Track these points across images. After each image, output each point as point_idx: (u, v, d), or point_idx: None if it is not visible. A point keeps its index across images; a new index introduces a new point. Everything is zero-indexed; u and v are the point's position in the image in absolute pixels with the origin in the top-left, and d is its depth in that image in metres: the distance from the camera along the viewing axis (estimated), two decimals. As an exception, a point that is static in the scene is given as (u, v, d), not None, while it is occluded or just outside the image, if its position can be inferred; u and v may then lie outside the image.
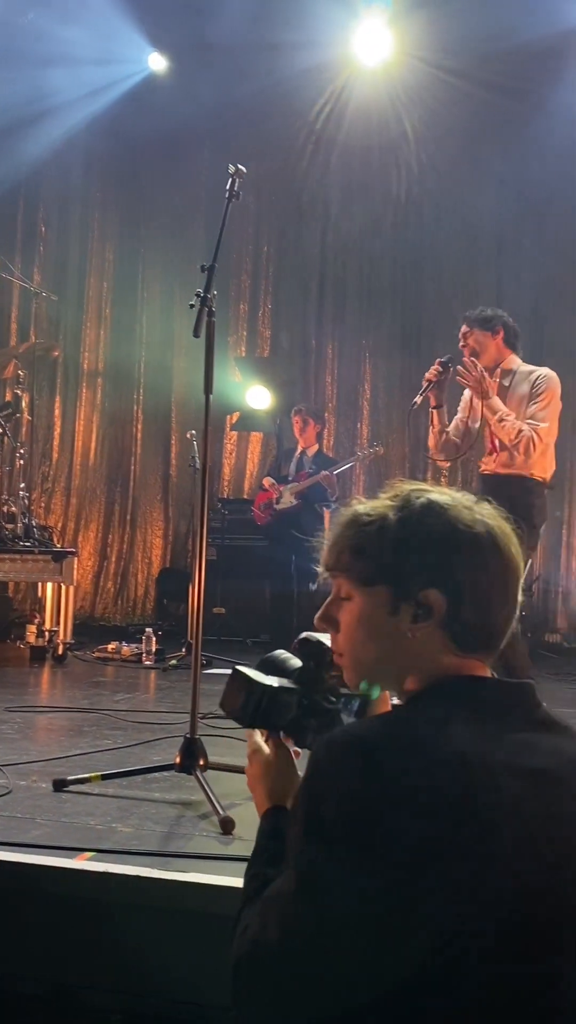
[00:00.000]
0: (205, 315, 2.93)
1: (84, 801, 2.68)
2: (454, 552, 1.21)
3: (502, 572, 1.22)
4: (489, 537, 1.21)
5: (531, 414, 4.09)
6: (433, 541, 1.21)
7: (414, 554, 1.21)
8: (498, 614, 1.22)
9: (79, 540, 8.61)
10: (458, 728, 1.09)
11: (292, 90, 7.81)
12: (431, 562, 1.20)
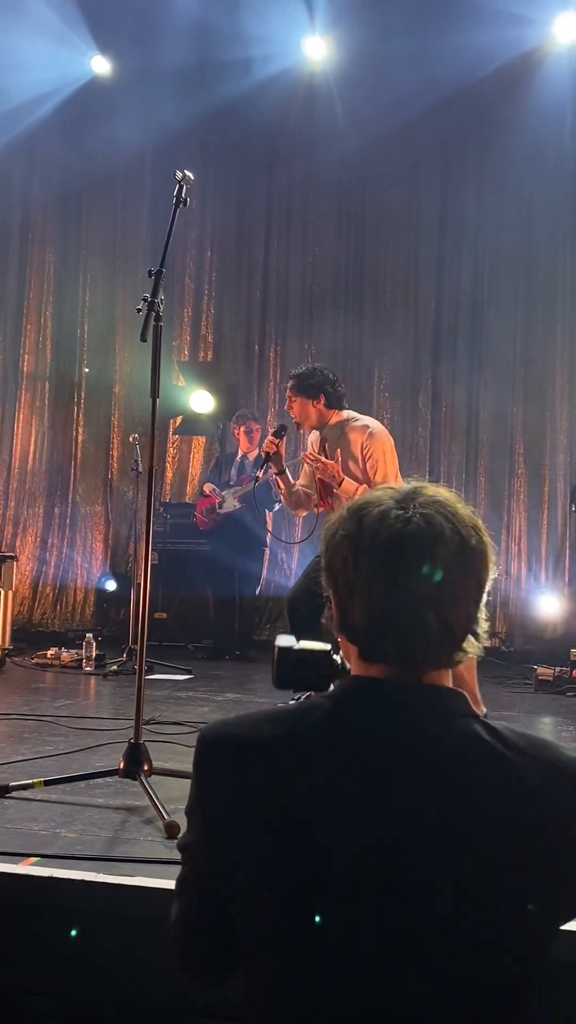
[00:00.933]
0: (152, 319, 2.93)
1: (27, 807, 2.67)
2: (329, 554, 1.23)
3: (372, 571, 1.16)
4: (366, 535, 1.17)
5: (372, 477, 4.34)
6: (327, 547, 1.23)
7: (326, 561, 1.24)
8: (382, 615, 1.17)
9: (17, 544, 8.50)
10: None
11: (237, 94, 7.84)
12: (326, 567, 1.23)
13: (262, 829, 1.15)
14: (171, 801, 2.75)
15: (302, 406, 4.49)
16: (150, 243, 8.43)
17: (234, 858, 1.17)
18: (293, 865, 1.13)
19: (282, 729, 1.18)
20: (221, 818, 1.19)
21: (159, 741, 3.59)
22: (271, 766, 1.16)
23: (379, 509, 1.19)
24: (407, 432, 8.19)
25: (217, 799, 1.20)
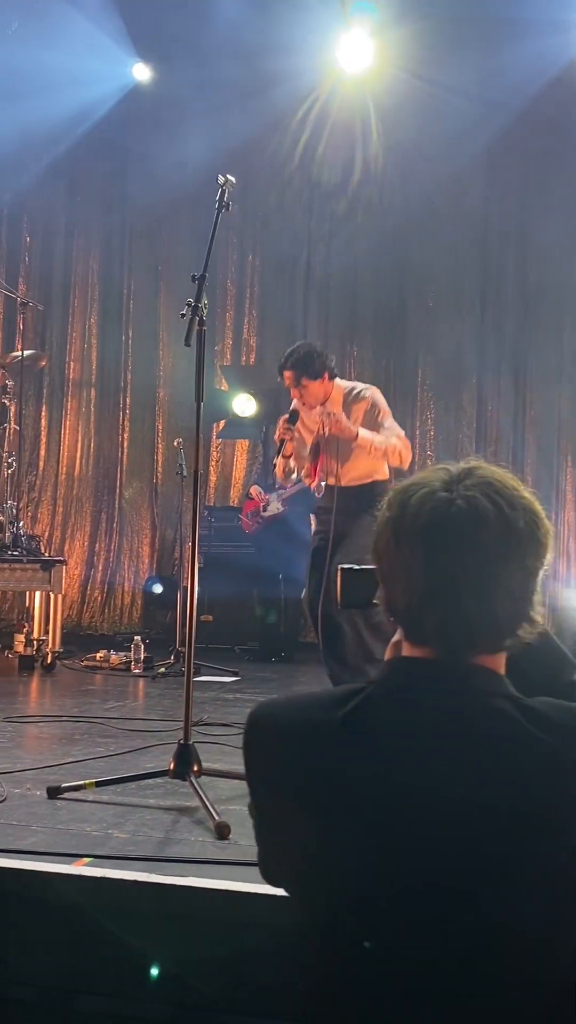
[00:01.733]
0: (196, 324, 2.96)
1: (79, 808, 2.70)
2: (376, 534, 1.24)
3: (412, 554, 1.17)
4: (407, 517, 1.18)
5: (388, 427, 4.52)
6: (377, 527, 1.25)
7: None
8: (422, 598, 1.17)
9: (66, 549, 8.60)
10: None
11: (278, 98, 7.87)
12: (374, 548, 1.25)
13: (307, 811, 1.17)
14: (221, 802, 2.76)
15: (313, 390, 4.55)
16: (192, 247, 8.47)
17: (285, 837, 1.20)
18: (338, 846, 1.14)
19: (327, 712, 1.18)
20: (269, 797, 1.22)
21: (208, 742, 3.61)
22: (316, 749, 1.18)
23: (424, 491, 1.19)
24: (451, 431, 8.15)
25: (265, 780, 1.23)
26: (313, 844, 1.17)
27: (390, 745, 1.15)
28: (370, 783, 1.14)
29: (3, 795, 2.77)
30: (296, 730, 1.20)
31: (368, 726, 1.17)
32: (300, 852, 1.19)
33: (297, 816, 1.18)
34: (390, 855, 1.12)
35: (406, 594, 1.18)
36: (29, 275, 8.94)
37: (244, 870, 2.18)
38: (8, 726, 4.03)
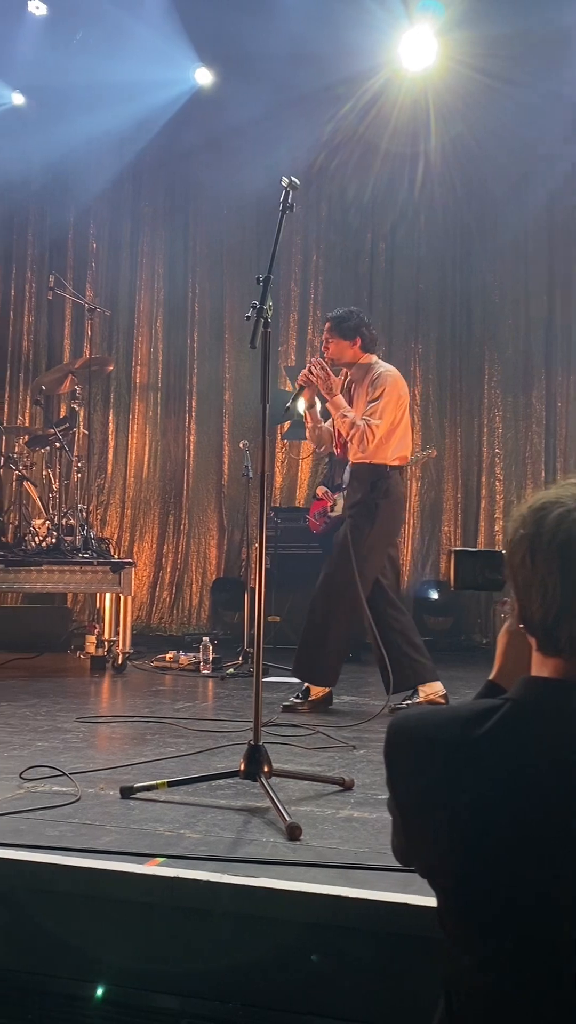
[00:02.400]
0: (261, 326, 2.96)
1: (152, 808, 2.72)
2: (510, 551, 1.32)
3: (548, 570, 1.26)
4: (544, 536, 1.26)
5: (369, 411, 4.55)
6: (509, 542, 1.33)
7: None
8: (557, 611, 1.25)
9: (134, 551, 8.71)
10: None
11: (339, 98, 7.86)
12: (508, 562, 1.34)
13: (440, 823, 1.27)
14: (292, 803, 2.77)
15: (338, 347, 4.68)
16: (256, 250, 8.52)
17: (419, 841, 1.32)
18: (469, 861, 1.24)
19: (462, 730, 1.28)
20: (404, 803, 1.33)
21: (277, 743, 3.62)
22: (449, 765, 1.27)
23: (559, 511, 1.27)
24: (520, 429, 8.05)
25: (400, 788, 1.34)
26: (445, 847, 1.26)
27: (523, 765, 1.23)
28: (503, 798, 1.22)
29: (77, 795, 2.81)
30: (436, 744, 1.30)
31: (504, 747, 1.25)
32: (435, 853, 1.29)
33: (432, 821, 1.28)
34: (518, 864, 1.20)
35: (542, 608, 1.26)
36: (96, 281, 9.08)
37: (316, 871, 2.18)
38: (81, 726, 4.09)
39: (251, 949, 2.08)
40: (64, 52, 7.90)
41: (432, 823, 1.28)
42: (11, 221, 9.29)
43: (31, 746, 3.60)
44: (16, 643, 6.95)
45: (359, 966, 2.01)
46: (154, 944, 2.14)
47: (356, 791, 2.98)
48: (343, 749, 3.65)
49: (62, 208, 9.12)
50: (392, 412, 4.59)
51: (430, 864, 1.32)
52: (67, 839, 2.37)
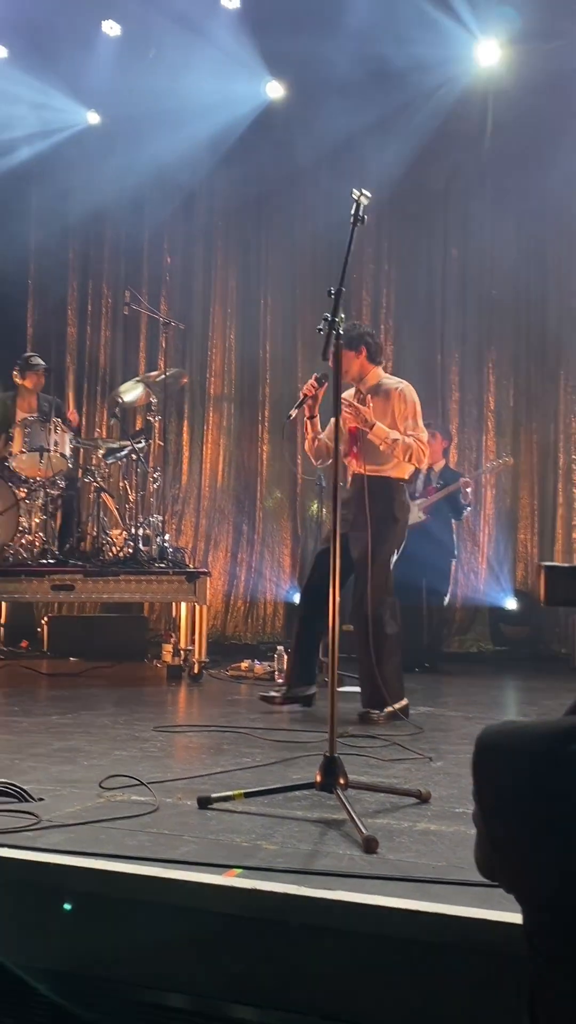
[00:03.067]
0: (333, 339, 2.97)
1: (229, 818, 2.74)
2: None
3: None
4: None
5: (409, 427, 4.61)
6: None
7: None
8: None
9: (209, 560, 8.79)
10: None
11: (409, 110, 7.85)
12: None
13: (529, 838, 1.26)
14: (368, 815, 2.76)
15: (344, 359, 4.55)
16: (326, 260, 8.54)
17: (506, 856, 1.31)
18: (560, 877, 1.23)
19: (556, 743, 1.27)
20: (491, 816, 1.32)
21: (353, 754, 3.61)
22: (541, 779, 1.27)
23: None
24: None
25: (487, 800, 1.33)
26: (535, 863, 1.26)
27: None
28: None
29: (155, 805, 2.84)
30: (527, 757, 1.29)
31: None
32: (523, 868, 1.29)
33: (520, 835, 1.28)
34: None
35: None
36: (170, 295, 9.21)
37: (393, 885, 2.17)
38: (159, 735, 4.14)
39: (328, 962, 2.08)
40: (137, 71, 8.05)
41: (521, 838, 1.27)
42: (87, 238, 9.48)
43: (110, 755, 3.66)
44: (94, 652, 7.07)
45: (436, 982, 2.00)
46: (231, 955, 2.15)
47: (433, 803, 2.96)
48: (419, 761, 3.63)
49: (137, 224, 9.28)
50: (420, 419, 4.69)
51: (517, 879, 1.31)
52: (146, 849, 2.40)
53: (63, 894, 2.25)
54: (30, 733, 4.14)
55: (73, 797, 2.94)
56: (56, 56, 8.24)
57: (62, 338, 9.58)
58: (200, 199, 9.08)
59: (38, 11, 7.74)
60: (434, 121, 7.90)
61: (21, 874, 2.29)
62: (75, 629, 7.78)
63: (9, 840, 2.42)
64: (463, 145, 8.14)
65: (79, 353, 9.59)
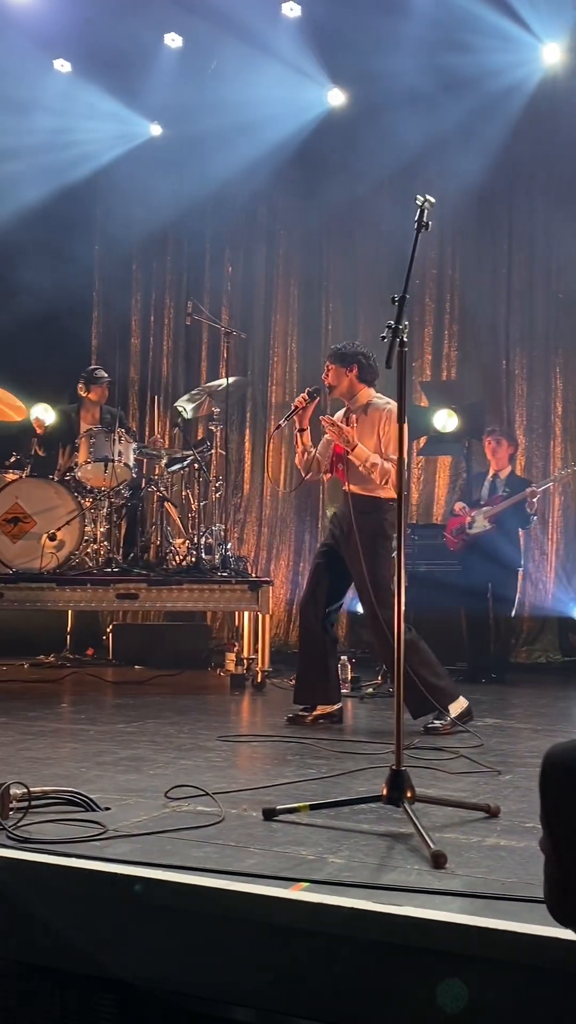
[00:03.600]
0: (397, 346, 2.94)
1: (294, 831, 2.72)
2: None
3: None
4: None
5: (390, 450, 4.59)
6: None
7: None
8: None
9: (271, 569, 8.78)
10: None
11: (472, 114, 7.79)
12: None
13: None
14: (435, 829, 2.72)
15: (336, 374, 4.78)
16: (389, 267, 8.50)
17: None
18: None
19: None
20: (565, 850, 1.29)
21: (419, 767, 3.56)
22: None
23: None
24: None
25: (556, 824, 1.30)
26: None
27: None
28: None
29: (221, 816, 2.83)
30: None
31: None
32: None
33: None
34: None
35: None
36: (232, 305, 9.25)
37: (462, 901, 2.13)
38: (223, 745, 4.14)
39: (396, 979, 2.04)
40: (199, 82, 8.12)
41: None
42: (150, 249, 9.58)
43: (175, 764, 3.66)
44: (158, 660, 7.11)
45: (507, 1001, 1.95)
46: (296, 969, 2.12)
47: (502, 818, 2.90)
48: (487, 774, 3.57)
49: (199, 234, 9.36)
50: None
51: None
52: (212, 860, 2.39)
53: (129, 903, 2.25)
54: (96, 741, 4.17)
55: (139, 807, 2.95)
56: (118, 70, 8.35)
57: (125, 349, 9.69)
58: (261, 208, 9.11)
59: (100, 26, 7.85)
60: (498, 124, 7.83)
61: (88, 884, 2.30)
62: (139, 637, 7.83)
63: (76, 850, 2.43)
64: (528, 148, 8.04)
65: (142, 364, 9.68)
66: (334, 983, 2.09)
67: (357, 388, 4.79)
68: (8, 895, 2.35)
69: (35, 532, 6.41)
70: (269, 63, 7.88)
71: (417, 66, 7.47)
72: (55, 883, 2.33)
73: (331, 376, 4.83)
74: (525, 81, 7.80)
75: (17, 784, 2.81)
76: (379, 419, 4.70)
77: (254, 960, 2.17)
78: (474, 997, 1.98)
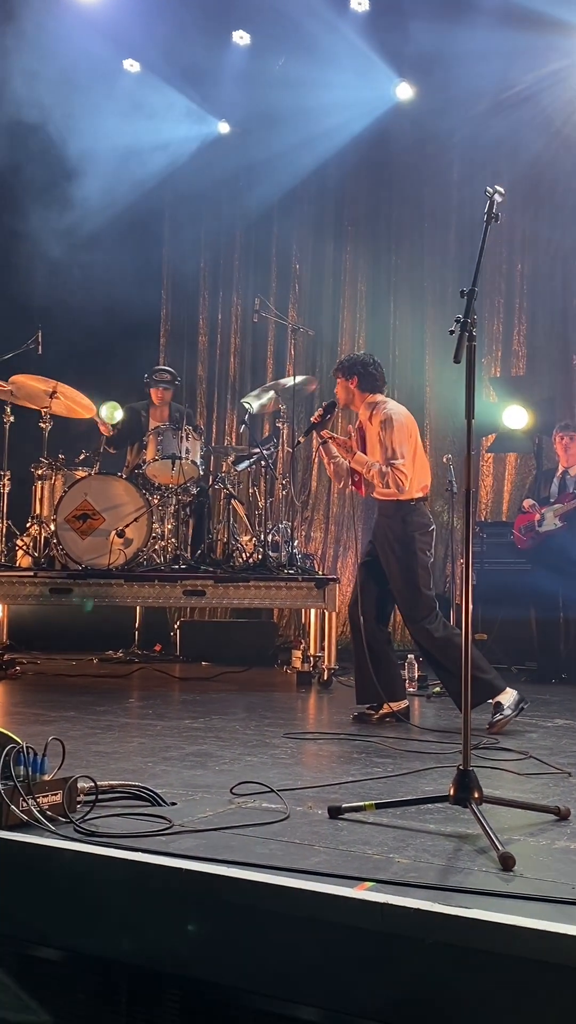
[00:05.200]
0: (466, 340, 2.90)
1: (360, 829, 2.70)
2: None
3: None
4: None
5: (388, 454, 4.67)
6: None
7: None
8: None
9: (338, 567, 8.76)
10: None
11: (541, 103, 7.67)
12: None
13: None
14: (504, 831, 2.67)
15: (341, 388, 4.90)
16: (458, 261, 8.42)
17: None
18: None
19: None
20: None
21: (487, 767, 3.51)
22: None
23: None
24: None
25: None
26: None
27: None
28: None
29: (286, 813, 2.82)
30: None
31: None
32: None
33: None
34: None
35: None
36: (299, 302, 9.24)
37: (532, 905, 2.09)
38: (289, 742, 4.13)
39: (462, 982, 2.01)
40: (267, 79, 8.13)
41: None
42: (218, 247, 9.63)
43: (240, 760, 3.67)
44: (226, 657, 7.14)
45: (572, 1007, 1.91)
46: (361, 970, 2.11)
47: (573, 820, 2.84)
48: (557, 776, 3.50)
49: (266, 231, 9.37)
50: (404, 446, 4.72)
51: None
52: (277, 858, 2.38)
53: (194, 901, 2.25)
54: (163, 737, 4.19)
55: (205, 802, 2.96)
56: (187, 68, 8.39)
57: (193, 347, 9.75)
58: (329, 205, 9.09)
59: (169, 25, 7.90)
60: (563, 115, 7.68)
61: (155, 879, 2.31)
62: (206, 633, 7.88)
63: (143, 844, 2.44)
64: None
65: (210, 361, 9.74)
66: (398, 984, 2.07)
67: (362, 397, 4.86)
68: (75, 888, 2.37)
69: (104, 529, 6.48)
70: (336, 58, 7.86)
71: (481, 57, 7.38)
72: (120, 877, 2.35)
73: (338, 389, 4.95)
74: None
75: (85, 778, 2.84)
76: (381, 426, 4.75)
77: (318, 959, 2.15)
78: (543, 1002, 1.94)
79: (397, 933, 2.08)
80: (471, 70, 7.60)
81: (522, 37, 7.28)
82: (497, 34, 7.33)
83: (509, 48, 7.39)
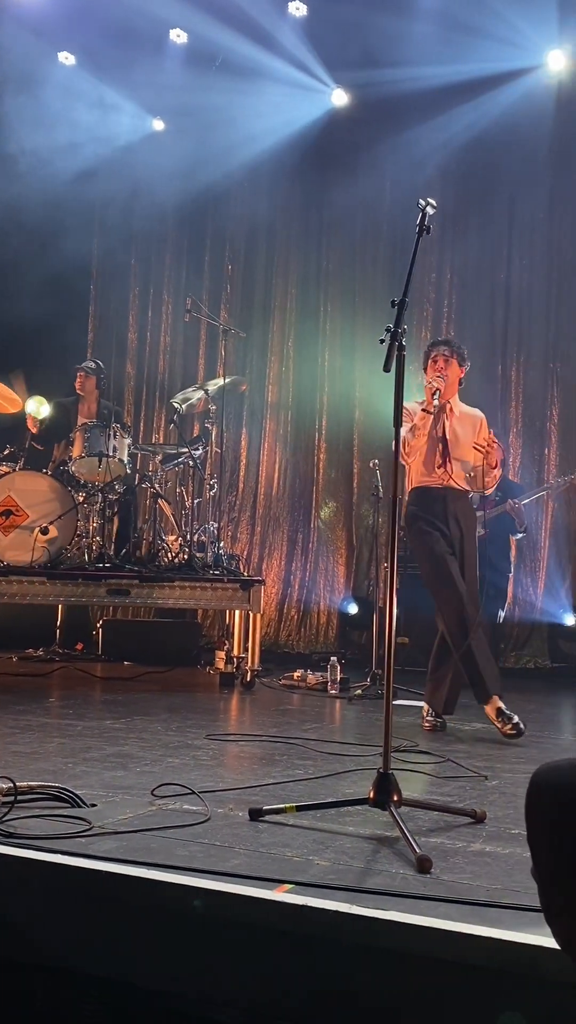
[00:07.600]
0: (396, 350, 2.94)
1: (280, 832, 2.71)
2: None
3: None
4: None
5: None
6: None
7: None
8: None
9: (263, 568, 8.78)
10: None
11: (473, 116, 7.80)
12: None
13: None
14: (421, 833, 2.72)
15: (455, 371, 4.85)
16: (388, 269, 8.51)
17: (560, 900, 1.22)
18: None
19: None
20: (544, 859, 1.24)
21: (406, 770, 3.56)
22: None
23: None
24: None
25: (539, 841, 1.25)
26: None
27: None
28: None
29: (207, 815, 2.83)
30: None
31: None
32: None
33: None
34: None
35: None
36: (231, 303, 9.23)
37: (447, 907, 2.13)
38: (211, 743, 4.13)
39: (378, 983, 2.04)
40: (203, 79, 8.10)
41: None
42: (149, 245, 9.56)
43: (162, 762, 3.66)
44: (148, 656, 7.10)
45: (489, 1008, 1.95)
46: (279, 972, 2.12)
47: (488, 824, 2.90)
48: (474, 779, 3.57)
49: (199, 231, 9.34)
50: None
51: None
52: (197, 860, 2.39)
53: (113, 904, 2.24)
54: (83, 737, 4.16)
55: (125, 804, 2.94)
56: (122, 63, 8.31)
57: (123, 344, 9.66)
58: (262, 208, 9.09)
59: (107, 19, 7.82)
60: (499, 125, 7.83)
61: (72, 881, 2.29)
62: (129, 633, 7.82)
63: (62, 846, 2.42)
64: (528, 152, 8.03)
65: (139, 359, 9.66)
66: (315, 986, 2.09)
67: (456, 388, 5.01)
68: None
69: (27, 525, 6.39)
70: (273, 62, 7.88)
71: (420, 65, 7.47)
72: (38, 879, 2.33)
73: (451, 374, 4.88)
74: (525, 81, 7.80)
75: (3, 779, 2.80)
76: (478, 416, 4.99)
77: (237, 961, 2.16)
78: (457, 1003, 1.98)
79: (315, 935, 2.10)
80: (406, 79, 7.68)
81: (458, 44, 7.37)
82: (432, 42, 7.42)
83: (447, 56, 7.48)
